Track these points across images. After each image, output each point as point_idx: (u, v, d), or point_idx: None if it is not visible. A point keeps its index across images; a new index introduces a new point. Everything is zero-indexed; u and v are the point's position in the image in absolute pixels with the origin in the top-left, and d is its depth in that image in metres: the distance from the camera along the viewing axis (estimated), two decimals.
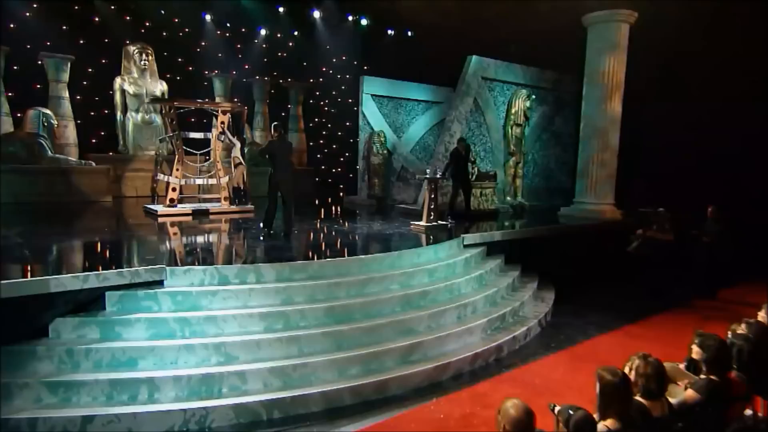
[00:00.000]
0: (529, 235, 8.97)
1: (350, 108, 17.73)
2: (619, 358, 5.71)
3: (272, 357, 4.76)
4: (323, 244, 7.38)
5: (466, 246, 7.73)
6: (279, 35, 17.62)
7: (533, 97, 12.06)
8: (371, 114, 13.39)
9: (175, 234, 8.36)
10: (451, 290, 6.45)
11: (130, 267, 5.17)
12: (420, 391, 4.93)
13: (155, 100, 12.91)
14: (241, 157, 10.92)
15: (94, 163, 12.36)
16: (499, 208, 11.38)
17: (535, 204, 12.43)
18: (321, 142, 19.35)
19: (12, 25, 12.92)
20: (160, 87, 14.32)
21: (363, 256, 6.35)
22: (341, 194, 15.89)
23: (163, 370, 4.43)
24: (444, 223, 8.80)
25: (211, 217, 9.99)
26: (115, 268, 5.06)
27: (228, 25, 16.66)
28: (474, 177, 10.68)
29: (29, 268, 5.40)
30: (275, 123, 8.03)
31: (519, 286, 7.75)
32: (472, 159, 10.65)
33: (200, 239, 8.08)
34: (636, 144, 11.75)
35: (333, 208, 12.03)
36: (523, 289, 7.62)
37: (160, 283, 5.16)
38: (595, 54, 10.88)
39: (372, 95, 13.35)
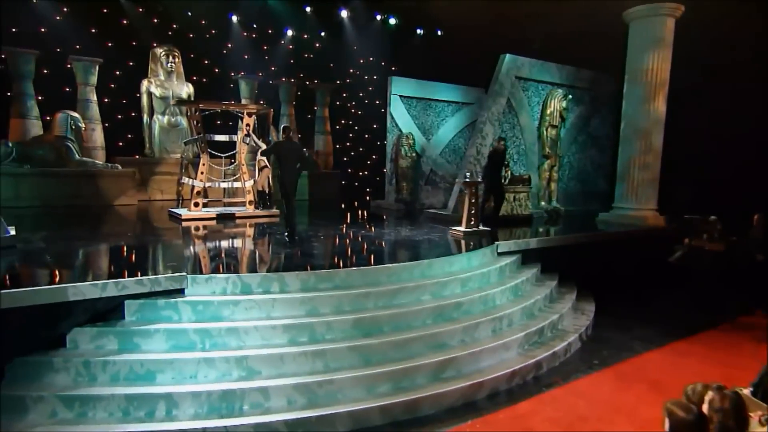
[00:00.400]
0: (566, 242, 8.54)
1: (378, 110, 17.50)
2: (671, 379, 5.34)
3: (296, 372, 4.54)
4: (350, 250, 7.13)
5: (500, 254, 7.39)
6: (306, 36, 17.51)
7: (569, 97, 11.56)
8: (399, 115, 13.13)
9: (198, 239, 8.25)
10: (486, 301, 6.13)
11: (151, 274, 5.02)
12: (454, 412, 4.65)
13: (181, 102, 12.90)
14: (266, 160, 10.76)
15: (120, 166, 12.41)
16: (534, 214, 10.92)
17: (570, 209, 11.92)
18: (348, 144, 19.17)
19: (42, 29, 13.08)
20: (186, 89, 14.35)
21: (392, 265, 6.05)
22: (368, 198, 15.67)
23: (182, 385, 4.27)
24: (485, 228, 8.52)
25: (236, 221, 9.87)
26: (136, 275, 4.93)
27: (254, 26, 16.62)
28: (507, 181, 10.27)
29: (48, 274, 5.36)
30: (284, 125, 8.08)
31: (557, 297, 7.37)
32: (506, 162, 10.25)
33: (223, 245, 7.94)
34: (681, 145, 11.10)
35: (359, 212, 11.80)
36: (561, 301, 7.24)
37: (180, 292, 5.01)
38: (637, 51, 10.36)
39: (400, 96, 13.08)
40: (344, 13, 17.16)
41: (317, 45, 17.90)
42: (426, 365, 4.87)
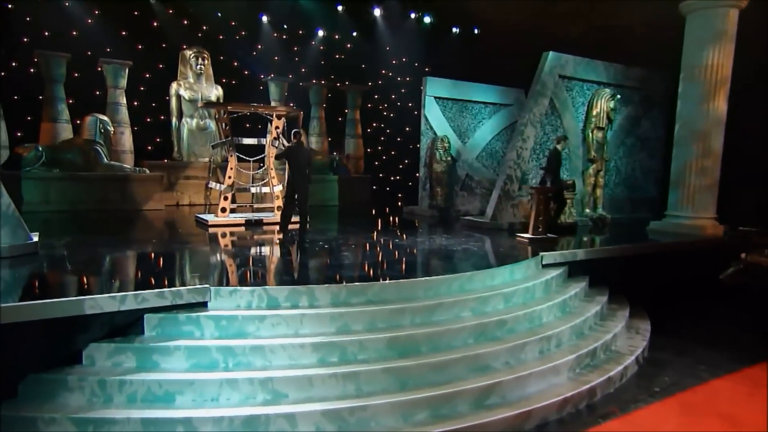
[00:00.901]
0: (617, 253, 7.89)
1: (411, 112, 17.09)
2: (749, 413, 4.67)
3: (326, 396, 4.16)
4: (382, 260, 6.68)
5: (545, 266, 6.82)
6: (337, 36, 17.25)
7: (618, 97, 10.83)
8: (434, 118, 12.69)
9: (223, 247, 7.99)
10: (531, 319, 5.60)
11: (172, 286, 4.71)
12: None
13: (209, 104, 12.71)
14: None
15: (148, 170, 12.31)
16: (578, 222, 10.28)
17: (617, 217, 11.19)
18: (379, 148, 18.83)
19: (74, 33, 13.11)
20: (215, 92, 14.25)
21: (430, 278, 5.59)
22: (400, 204, 15.22)
23: (203, 409, 3.92)
24: (552, 236, 8.14)
25: (264, 227, 9.60)
26: (159, 286, 4.67)
27: (285, 26, 16.44)
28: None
29: (66, 284, 5.14)
30: (295, 130, 8.01)
31: (608, 314, 6.76)
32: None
33: (250, 253, 7.62)
34: (746, 148, 10.21)
35: (391, 219, 11.40)
36: (613, 318, 6.62)
37: (203, 305, 4.69)
38: (695, 46, 9.55)
39: (435, 98, 12.65)
40: (377, 12, 16.79)
41: (349, 45, 17.61)
42: (468, 391, 4.40)
